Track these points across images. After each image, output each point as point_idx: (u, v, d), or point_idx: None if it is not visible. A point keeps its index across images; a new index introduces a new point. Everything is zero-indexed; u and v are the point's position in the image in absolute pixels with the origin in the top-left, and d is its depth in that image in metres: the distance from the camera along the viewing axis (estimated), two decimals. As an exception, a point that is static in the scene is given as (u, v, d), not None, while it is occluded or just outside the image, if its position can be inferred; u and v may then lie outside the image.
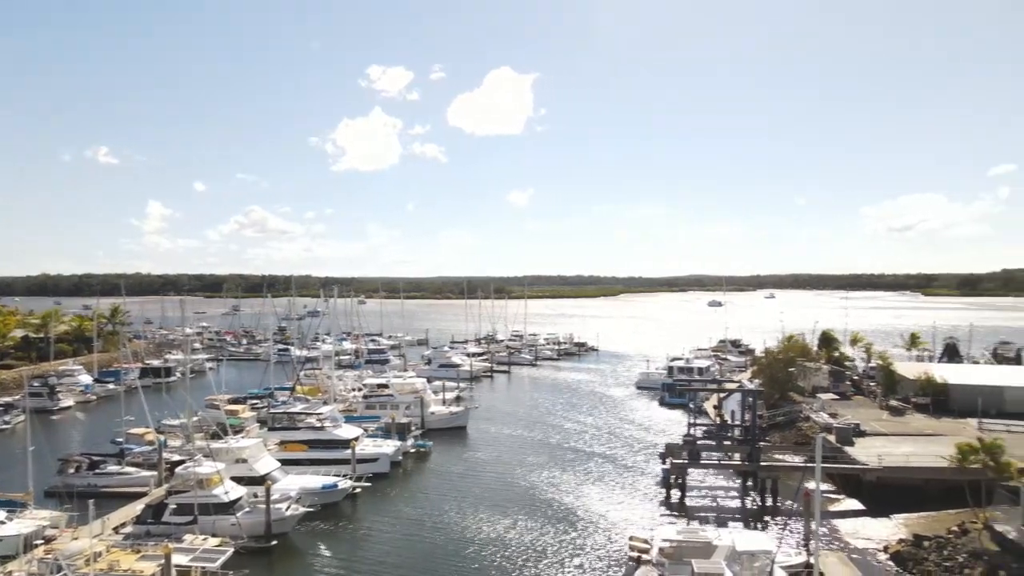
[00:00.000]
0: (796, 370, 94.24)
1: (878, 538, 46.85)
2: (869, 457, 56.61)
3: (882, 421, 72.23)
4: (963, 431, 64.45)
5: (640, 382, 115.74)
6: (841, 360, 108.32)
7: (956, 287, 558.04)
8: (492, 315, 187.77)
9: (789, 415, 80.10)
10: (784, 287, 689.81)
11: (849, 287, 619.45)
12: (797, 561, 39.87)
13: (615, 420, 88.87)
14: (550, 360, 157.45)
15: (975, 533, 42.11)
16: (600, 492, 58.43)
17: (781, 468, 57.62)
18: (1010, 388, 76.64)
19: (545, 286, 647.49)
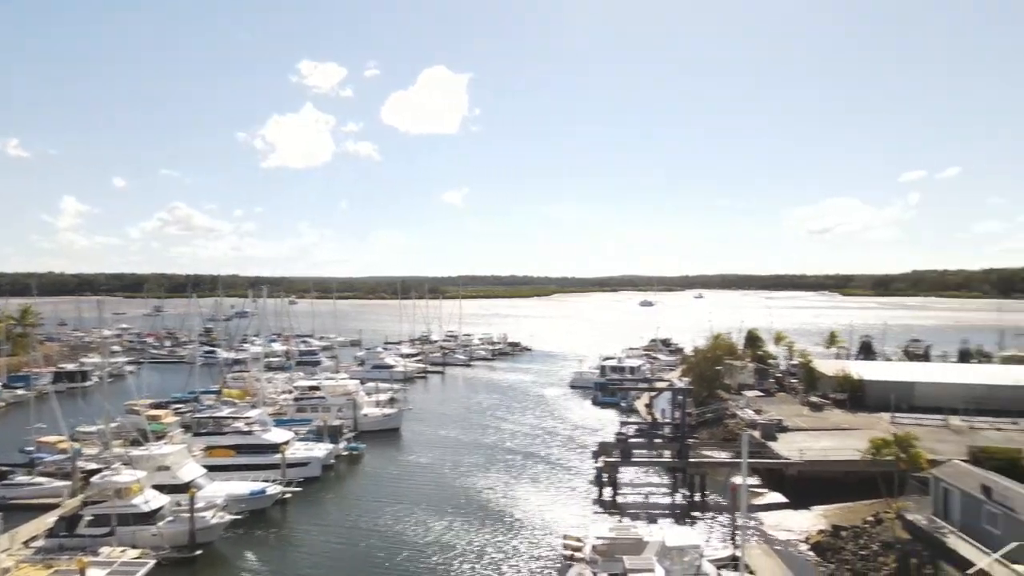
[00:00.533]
0: (723, 368, 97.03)
1: (800, 529, 48.67)
2: (791, 452, 58.82)
3: (803, 416, 75.09)
4: (877, 425, 67.60)
5: (573, 381, 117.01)
6: (765, 358, 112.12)
7: (871, 287, 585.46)
8: (426, 315, 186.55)
9: (717, 412, 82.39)
10: (712, 287, 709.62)
11: (773, 287, 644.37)
12: (724, 554, 41.07)
13: (549, 420, 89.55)
14: (484, 360, 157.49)
15: (888, 522, 44.21)
16: (535, 492, 58.76)
17: (709, 464, 59.20)
18: (920, 384, 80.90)
19: (480, 286, 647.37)
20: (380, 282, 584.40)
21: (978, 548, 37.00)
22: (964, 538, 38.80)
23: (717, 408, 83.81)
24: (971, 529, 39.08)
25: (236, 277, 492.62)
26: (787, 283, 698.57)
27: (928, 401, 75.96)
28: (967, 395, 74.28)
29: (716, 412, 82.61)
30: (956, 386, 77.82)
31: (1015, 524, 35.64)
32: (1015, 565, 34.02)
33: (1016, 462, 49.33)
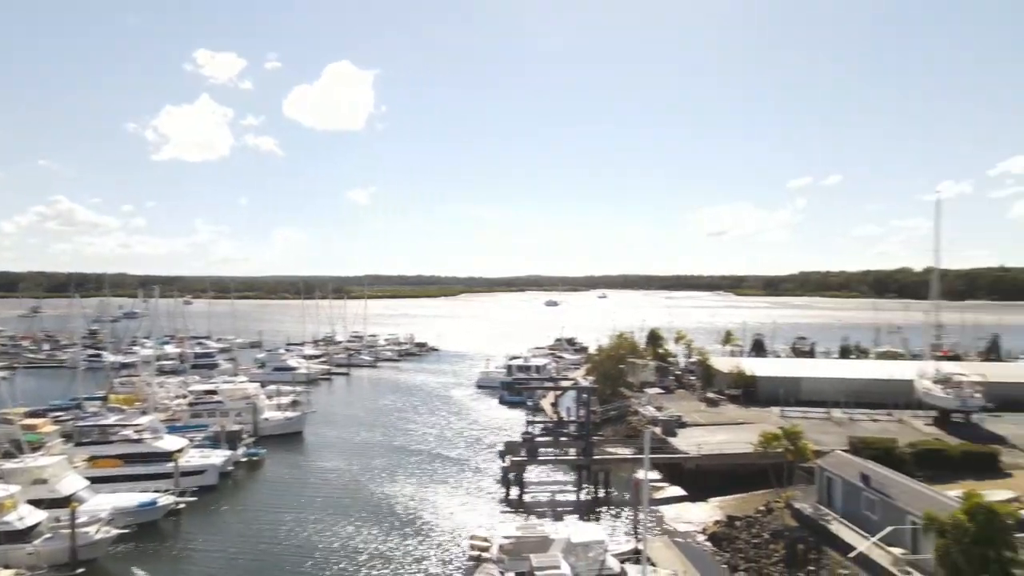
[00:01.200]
0: (626, 367, 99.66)
1: (698, 521, 50.59)
2: (690, 446, 61.12)
3: (701, 412, 78.16)
4: (768, 419, 71.20)
5: (480, 381, 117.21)
6: (666, 356, 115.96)
7: (762, 288, 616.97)
8: (331, 316, 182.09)
9: (620, 410, 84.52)
10: (615, 287, 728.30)
11: (672, 287, 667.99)
12: (627, 548, 42.15)
13: (456, 420, 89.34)
14: (391, 361, 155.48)
15: (778, 511, 46.67)
16: (442, 493, 58.44)
17: (613, 461, 60.63)
18: (806, 379, 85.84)
19: (386, 286, 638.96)
20: (282, 281, 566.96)
21: (858, 533, 39.62)
22: (846, 524, 41.46)
23: (620, 406, 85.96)
24: (852, 515, 41.79)
25: (124, 276, 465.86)
26: (686, 283, 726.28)
27: (813, 395, 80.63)
28: (847, 389, 79.24)
29: (619, 409, 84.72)
30: (838, 381, 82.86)
31: (891, 509, 38.35)
32: (891, 548, 36.61)
33: (891, 451, 53.18)
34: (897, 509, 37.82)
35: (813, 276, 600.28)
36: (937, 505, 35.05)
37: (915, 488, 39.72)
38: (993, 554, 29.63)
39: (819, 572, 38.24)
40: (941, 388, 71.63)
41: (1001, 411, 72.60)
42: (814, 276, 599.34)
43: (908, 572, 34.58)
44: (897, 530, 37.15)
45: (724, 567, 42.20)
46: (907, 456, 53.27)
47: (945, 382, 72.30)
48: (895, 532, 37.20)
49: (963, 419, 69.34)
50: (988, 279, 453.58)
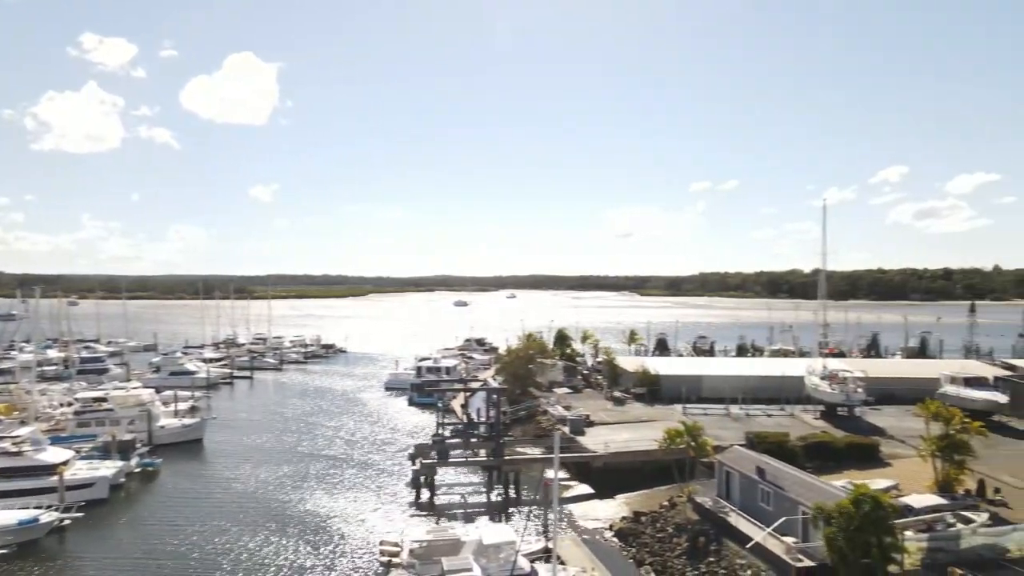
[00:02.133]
0: (535, 367, 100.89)
1: (605, 517, 51.84)
2: (597, 445, 62.53)
3: (607, 411, 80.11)
4: (671, 416, 73.70)
5: (389, 383, 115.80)
6: (573, 356, 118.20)
7: (665, 288, 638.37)
8: (232, 317, 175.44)
9: (529, 410, 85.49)
10: (524, 287, 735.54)
11: (580, 288, 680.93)
12: (537, 547, 42.68)
13: (365, 423, 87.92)
14: (297, 363, 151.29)
15: (681, 506, 48.49)
16: (352, 499, 57.35)
17: (523, 461, 61.27)
18: (707, 377, 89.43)
19: (291, 286, 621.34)
20: (179, 281, 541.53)
21: (755, 524, 41.67)
22: (743, 516, 43.52)
23: (530, 406, 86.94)
24: (749, 507, 43.91)
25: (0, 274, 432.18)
26: (593, 284, 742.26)
27: (713, 393, 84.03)
28: (744, 386, 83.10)
29: (529, 410, 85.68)
30: (735, 378, 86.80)
31: (784, 501, 40.56)
32: (784, 537, 38.72)
33: (784, 445, 56.30)
34: (789, 500, 40.03)
35: (713, 277, 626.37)
36: (825, 495, 37.33)
37: (805, 479, 42.17)
38: (875, 540, 31.87)
39: (719, 563, 39.98)
40: (828, 384, 76.29)
41: (881, 404, 78.16)
42: (713, 277, 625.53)
43: (799, 559, 36.67)
44: (789, 520, 39.33)
45: (630, 562, 43.46)
46: (798, 449, 56.54)
47: (831, 378, 77.06)
48: (787, 522, 39.37)
49: (847, 413, 74.12)
50: (868, 280, 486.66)
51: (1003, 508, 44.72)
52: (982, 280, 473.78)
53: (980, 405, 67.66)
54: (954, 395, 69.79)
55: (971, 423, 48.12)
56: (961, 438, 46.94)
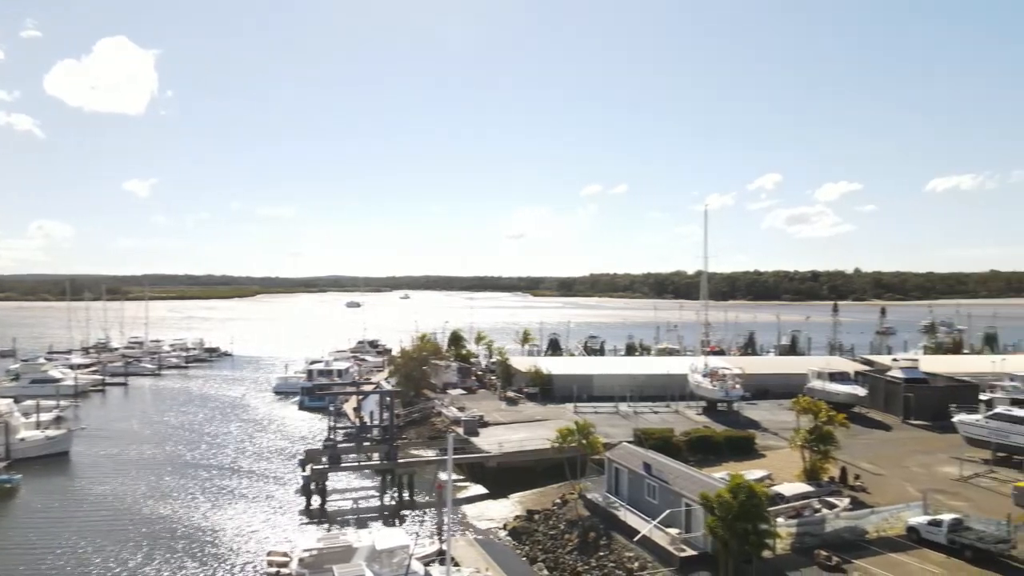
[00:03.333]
0: (429, 368, 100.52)
1: (499, 517, 52.38)
2: (492, 445, 63.08)
3: (501, 411, 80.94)
4: (564, 415, 75.37)
5: (278, 387, 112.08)
6: (467, 357, 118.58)
7: (557, 289, 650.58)
8: (104, 320, 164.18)
9: (424, 411, 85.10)
10: (418, 288, 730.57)
11: (474, 288, 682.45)
12: (432, 550, 42.58)
13: (253, 429, 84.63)
14: (177, 368, 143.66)
15: (572, 502, 49.70)
16: (239, 510, 54.99)
17: (417, 463, 60.91)
18: (597, 376, 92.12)
19: (170, 286, 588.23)
20: (43, 281, 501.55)
21: (642, 518, 43.32)
22: (631, 510, 45.14)
23: (424, 407, 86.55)
24: (637, 501, 45.60)
25: None
26: (487, 284, 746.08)
27: (604, 391, 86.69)
28: (632, 384, 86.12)
29: (423, 411, 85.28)
30: (624, 376, 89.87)
31: (668, 494, 42.40)
32: (669, 529, 40.50)
33: (669, 440, 58.84)
34: (674, 493, 41.90)
35: (603, 278, 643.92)
36: (706, 487, 39.32)
37: (688, 473, 44.25)
38: (751, 527, 33.93)
39: (609, 556, 41.31)
40: (709, 381, 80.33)
41: (756, 399, 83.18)
42: (604, 278, 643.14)
43: (683, 549, 38.49)
44: (674, 512, 41.19)
45: (523, 560, 44.16)
46: (682, 444, 59.29)
47: (712, 375, 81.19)
48: (672, 514, 41.22)
49: (727, 408, 78.33)
50: (745, 281, 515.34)
51: (862, 493, 48.71)
52: (845, 282, 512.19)
53: (842, 398, 73.26)
54: (820, 389, 75.23)
55: (835, 415, 52.07)
56: (827, 429, 50.70)
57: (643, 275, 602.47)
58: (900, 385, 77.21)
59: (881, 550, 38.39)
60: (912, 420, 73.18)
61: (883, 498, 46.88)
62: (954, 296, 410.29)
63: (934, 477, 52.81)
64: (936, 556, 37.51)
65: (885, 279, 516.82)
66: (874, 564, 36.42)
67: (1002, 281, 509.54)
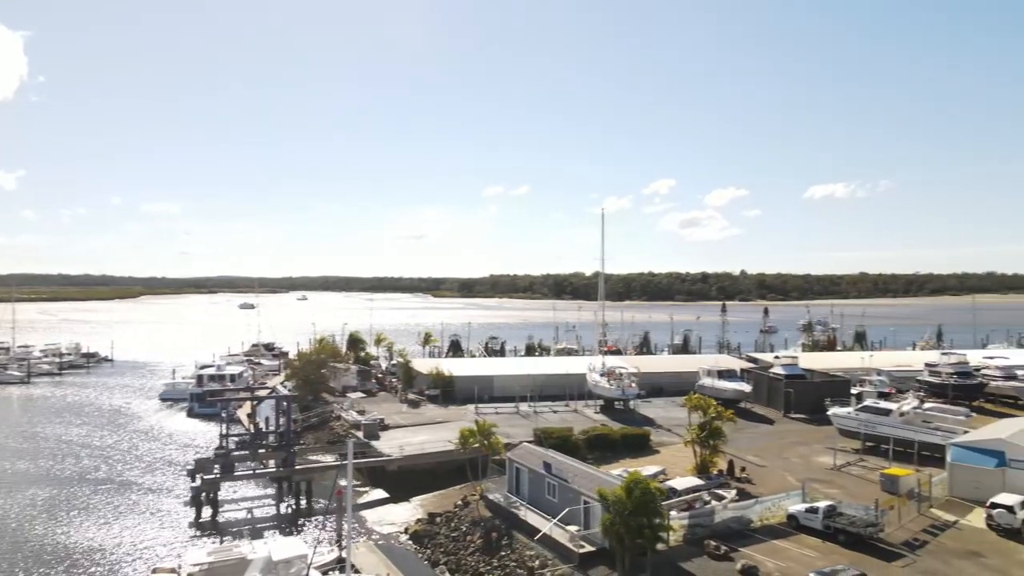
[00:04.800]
0: (327, 371, 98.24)
1: (400, 521, 51.87)
2: (393, 448, 62.42)
3: (403, 413, 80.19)
4: (465, 416, 75.51)
5: (165, 393, 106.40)
6: (367, 359, 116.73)
7: (458, 290, 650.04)
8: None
9: (322, 416, 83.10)
10: (316, 289, 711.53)
11: (373, 289, 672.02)
12: (331, 558, 41.65)
13: (138, 439, 79.92)
14: (50, 375, 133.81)
15: (474, 503, 49.92)
16: (122, 526, 51.73)
17: (316, 469, 59.45)
18: (498, 376, 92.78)
19: (42, 286, 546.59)
20: None
21: (543, 516, 44.06)
22: (532, 509, 45.83)
23: (322, 411, 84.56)
24: (537, 500, 46.33)
25: None
26: (387, 285, 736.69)
27: (504, 391, 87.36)
28: (532, 384, 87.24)
29: (321, 416, 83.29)
30: (524, 377, 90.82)
31: (568, 492, 43.33)
32: (568, 526, 41.40)
33: (568, 439, 60.07)
34: (573, 491, 42.86)
35: (503, 279, 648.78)
36: (604, 484, 40.46)
37: (586, 471, 45.38)
38: (646, 521, 35.21)
39: (510, 556, 41.77)
40: (606, 380, 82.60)
41: (651, 397, 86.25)
42: (504, 279, 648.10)
43: (582, 546, 39.46)
44: (573, 510, 42.14)
45: (425, 563, 43.99)
46: (581, 442, 60.69)
47: (609, 375, 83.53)
48: (571, 512, 42.16)
49: (623, 406, 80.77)
50: (640, 282, 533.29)
51: (748, 484, 51.52)
52: (732, 283, 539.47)
53: (730, 394, 77.13)
54: (710, 387, 78.92)
55: (723, 411, 54.82)
56: (716, 425, 53.28)
57: (543, 276, 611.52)
58: (781, 381, 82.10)
59: (765, 537, 40.79)
60: (792, 414, 77.93)
61: (766, 488, 49.77)
62: (829, 296, 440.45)
63: (811, 467, 56.53)
64: (813, 541, 40.22)
65: (768, 280, 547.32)
66: (758, 551, 38.65)
67: (870, 283, 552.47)
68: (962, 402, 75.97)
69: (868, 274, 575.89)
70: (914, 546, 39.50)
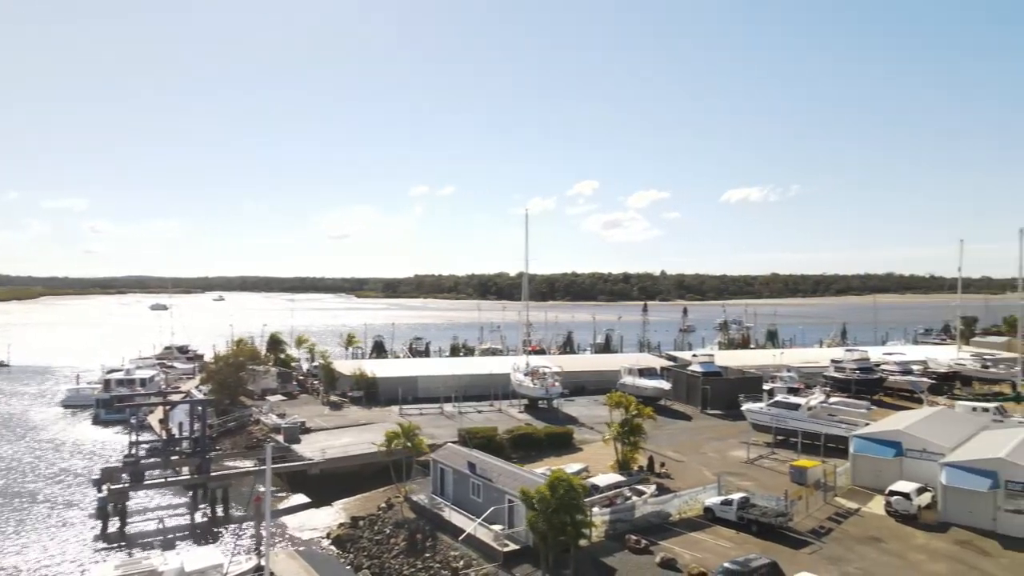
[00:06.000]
0: (246, 374, 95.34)
1: (322, 526, 50.88)
2: (314, 452, 61.11)
3: (325, 416, 78.67)
4: (389, 418, 74.70)
5: (68, 399, 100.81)
6: (288, 361, 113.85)
7: (382, 290, 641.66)
8: None
9: (240, 420, 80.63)
10: (234, 289, 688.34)
11: (295, 290, 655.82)
12: (248, 567, 40.39)
13: (37, 448, 75.44)
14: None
15: (398, 505, 49.48)
16: (21, 542, 48.66)
17: (232, 476, 57.62)
18: (423, 377, 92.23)
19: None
20: None
21: (467, 516, 44.09)
22: (456, 509, 45.81)
23: (240, 416, 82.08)
24: (462, 501, 46.34)
25: None
26: (309, 286, 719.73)
27: (429, 392, 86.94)
28: (457, 384, 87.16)
29: (239, 420, 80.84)
30: (448, 377, 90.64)
31: (492, 491, 43.53)
32: (493, 526, 41.58)
33: (492, 438, 60.36)
34: (497, 490, 43.09)
35: (428, 279, 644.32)
36: (528, 482, 40.83)
37: (511, 470, 45.70)
38: (569, 519, 35.73)
39: (435, 557, 41.61)
40: (530, 380, 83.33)
41: (575, 395, 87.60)
42: (429, 279, 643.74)
43: (506, 544, 39.72)
44: (497, 509, 42.36)
45: (348, 568, 43.30)
46: (505, 441, 61.09)
47: (533, 374, 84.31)
48: (496, 511, 42.36)
49: (547, 405, 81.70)
50: (564, 283, 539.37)
51: (667, 479, 53.02)
52: (653, 283, 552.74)
53: (650, 392, 79.12)
54: (631, 385, 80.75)
55: (643, 409, 56.22)
56: (636, 422, 54.59)
57: (468, 276, 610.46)
58: (699, 378, 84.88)
59: (683, 530, 42.09)
60: (709, 410, 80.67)
61: (684, 483, 51.33)
62: (743, 296, 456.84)
63: (726, 461, 58.67)
64: (728, 532, 41.77)
65: (687, 281, 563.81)
66: (676, 543, 39.86)
67: (781, 283, 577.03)
68: (864, 396, 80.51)
69: (779, 275, 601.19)
70: (820, 533, 41.58)
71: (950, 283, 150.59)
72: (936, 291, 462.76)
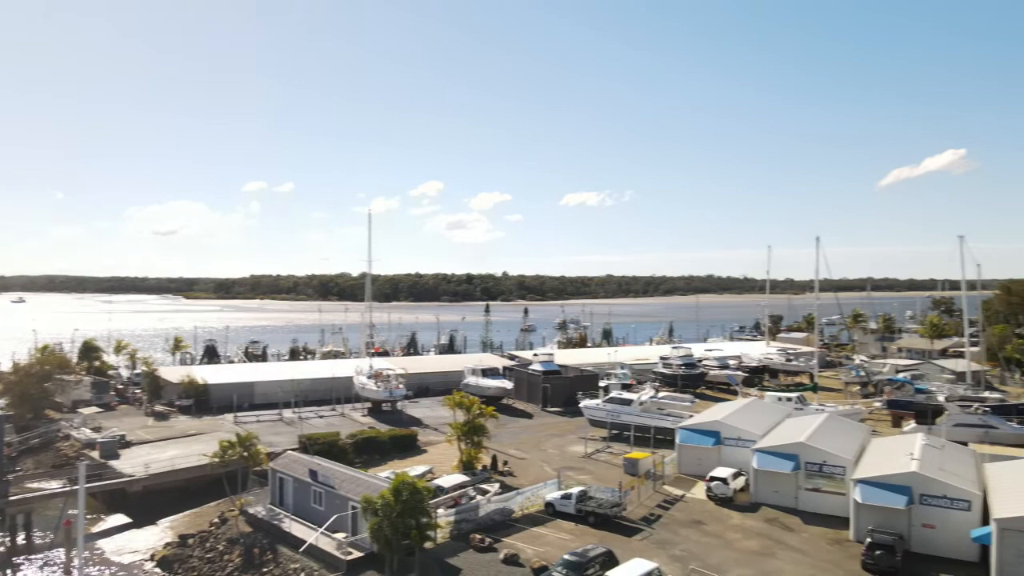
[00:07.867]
0: (53, 385, 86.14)
1: (145, 548, 47.22)
2: (136, 467, 56.39)
3: (148, 428, 72.85)
4: (222, 427, 70.62)
5: None
6: (105, 369, 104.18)
7: (214, 291, 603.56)
8: None
9: (46, 436, 72.75)
10: (37, 290, 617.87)
11: (112, 291, 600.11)
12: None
13: None
14: None
15: (233, 519, 46.89)
16: None
17: (36, 498, 51.81)
18: (259, 383, 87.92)
19: None
20: None
21: (309, 526, 42.69)
22: (297, 520, 44.23)
23: (46, 431, 73.98)
24: (303, 510, 44.80)
25: None
26: (129, 286, 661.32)
27: (267, 398, 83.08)
28: (297, 389, 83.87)
29: (45, 436, 72.88)
30: (288, 382, 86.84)
31: (335, 499, 42.47)
32: (336, 534, 40.54)
33: (335, 444, 58.90)
34: (340, 497, 42.11)
35: (265, 279, 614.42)
36: (371, 488, 40.27)
37: (354, 475, 44.79)
38: (414, 522, 35.67)
39: (274, 571, 39.93)
40: (374, 382, 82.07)
41: (418, 397, 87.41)
42: (266, 279, 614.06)
43: (350, 552, 38.91)
44: (340, 517, 41.38)
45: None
46: (348, 447, 59.82)
47: (376, 376, 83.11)
48: (339, 519, 41.37)
49: (391, 408, 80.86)
50: (408, 283, 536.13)
51: (510, 477, 54.33)
52: (495, 284, 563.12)
53: (493, 392, 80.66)
54: (474, 385, 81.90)
55: (486, 408, 57.23)
56: (479, 422, 55.43)
57: (308, 277, 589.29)
58: (539, 377, 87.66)
59: (525, 526, 43.35)
60: (549, 407, 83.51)
61: (527, 479, 52.88)
62: (581, 296, 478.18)
63: (566, 456, 61.10)
64: (568, 525, 43.56)
65: (528, 281, 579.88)
66: (519, 539, 40.98)
67: (615, 284, 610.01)
68: (688, 390, 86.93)
69: (614, 276, 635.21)
70: (650, 520, 44.45)
71: (760, 284, 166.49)
72: (749, 291, 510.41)
